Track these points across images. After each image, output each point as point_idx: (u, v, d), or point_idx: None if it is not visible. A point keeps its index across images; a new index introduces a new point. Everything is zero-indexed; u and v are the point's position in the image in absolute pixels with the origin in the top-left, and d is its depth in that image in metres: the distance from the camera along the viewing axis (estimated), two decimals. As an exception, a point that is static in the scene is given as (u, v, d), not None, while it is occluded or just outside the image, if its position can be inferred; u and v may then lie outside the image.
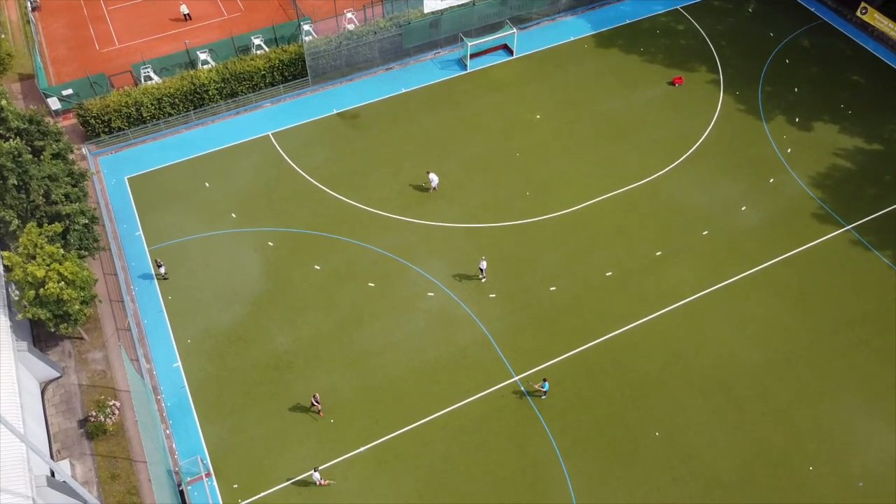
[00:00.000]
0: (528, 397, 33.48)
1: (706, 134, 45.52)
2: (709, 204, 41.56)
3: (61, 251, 31.06)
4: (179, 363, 34.94)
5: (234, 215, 41.04)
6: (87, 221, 33.57)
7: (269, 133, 45.48)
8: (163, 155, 44.22)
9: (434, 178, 41.40)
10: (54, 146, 33.96)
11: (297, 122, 46.20)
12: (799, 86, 48.46)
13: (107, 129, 44.09)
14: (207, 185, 42.60)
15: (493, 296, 37.42)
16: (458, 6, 49.34)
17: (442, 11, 48.94)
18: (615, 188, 42.39)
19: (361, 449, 32.04)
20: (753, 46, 51.26)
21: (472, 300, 37.23)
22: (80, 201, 33.96)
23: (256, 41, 48.78)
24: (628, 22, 53.47)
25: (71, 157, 36.50)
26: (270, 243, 39.76)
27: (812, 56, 50.68)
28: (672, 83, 48.70)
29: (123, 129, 44.41)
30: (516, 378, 34.28)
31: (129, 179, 42.94)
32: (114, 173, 43.30)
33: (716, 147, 44.66)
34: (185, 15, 52.32)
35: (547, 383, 32.81)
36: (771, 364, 34.65)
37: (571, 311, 36.78)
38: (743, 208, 41.35)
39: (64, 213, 32.44)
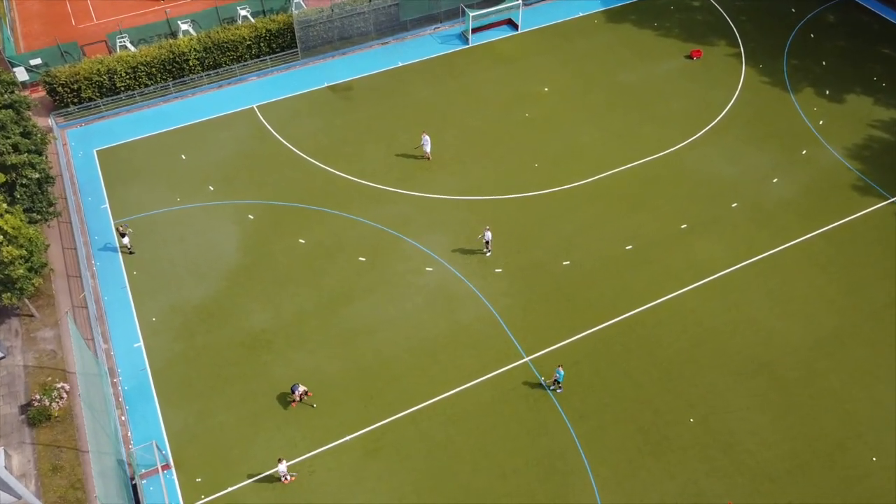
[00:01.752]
0: (543, 381, 29.02)
1: (729, 106, 41.76)
2: (737, 176, 37.60)
3: (3, 205, 26.97)
4: (142, 343, 30.57)
5: (211, 188, 37.07)
6: (38, 177, 29.56)
7: (254, 105, 41.78)
8: (137, 127, 40.44)
9: (427, 141, 37.51)
10: (5, 96, 30.11)
11: (285, 94, 42.54)
12: (826, 59, 44.87)
13: (76, 99, 40.37)
14: (184, 157, 38.72)
15: (500, 270, 33.20)
16: (459, -24, 46.13)
17: (442, -17, 45.73)
18: (632, 160, 38.47)
19: (349, 437, 27.49)
20: (774, 22, 47.86)
21: (476, 275, 33.00)
22: (30, 154, 29.96)
23: (243, 12, 45.42)
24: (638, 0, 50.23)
25: (28, 114, 32.64)
26: (251, 216, 35.70)
27: (838, 31, 47.22)
28: (690, 56, 45.15)
29: (94, 100, 40.69)
30: (527, 359, 29.85)
31: (97, 152, 39.07)
32: (82, 146, 39.45)
33: (741, 119, 40.86)
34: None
35: (562, 371, 28.29)
36: (819, 343, 30.25)
37: (588, 287, 32.51)
38: (774, 180, 37.37)
39: (9, 163, 28.42)
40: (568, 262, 33.51)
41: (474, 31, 46.42)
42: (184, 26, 44.02)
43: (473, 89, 42.97)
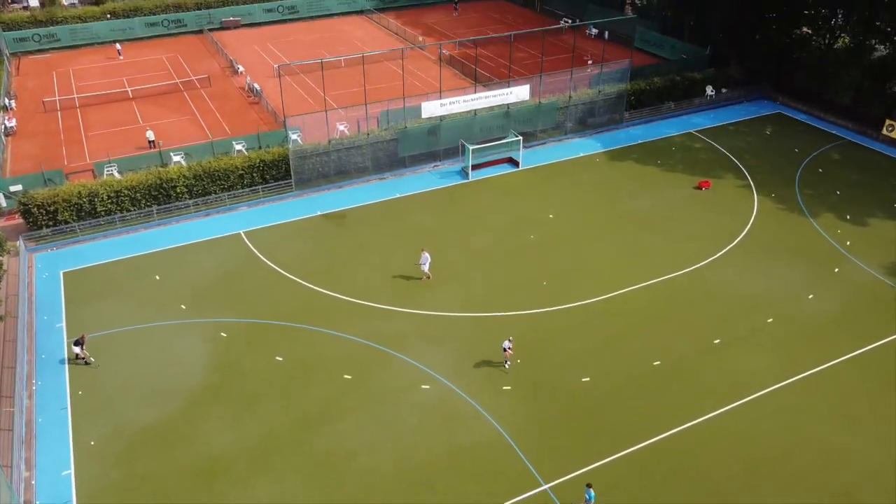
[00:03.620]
0: (565, 510, 23.08)
1: (747, 229, 39.20)
2: (767, 292, 33.93)
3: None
4: (72, 470, 24.91)
5: (183, 307, 33.21)
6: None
7: (241, 231, 39.22)
8: (112, 251, 37.50)
9: (427, 258, 34.29)
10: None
11: (275, 222, 40.18)
12: (840, 189, 43.21)
13: (51, 222, 37.90)
14: (158, 277, 35.32)
15: (508, 388, 28.29)
16: (459, 114, 45.95)
17: (441, 118, 45.42)
18: (649, 278, 35.02)
19: (317, 586, 21.04)
20: (779, 159, 47.05)
21: (481, 393, 28.04)
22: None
23: (238, 146, 44.62)
24: (640, 142, 49.94)
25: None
26: (223, 334, 31.45)
27: (846, 166, 46.22)
28: (698, 187, 43.54)
29: (70, 223, 38.21)
30: (546, 486, 24.08)
31: (64, 273, 35.75)
32: (49, 267, 36.23)
33: (761, 240, 38.10)
34: (150, 142, 47.01)
35: (592, 492, 22.63)
36: (904, 465, 24.63)
37: (615, 404, 27.43)
38: (810, 296, 33.63)
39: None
40: (588, 379, 28.68)
41: (474, 167, 45.32)
42: (176, 158, 42.91)
43: (475, 215, 40.74)
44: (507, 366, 29.18)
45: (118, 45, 66.91)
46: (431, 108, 44.51)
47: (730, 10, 55.19)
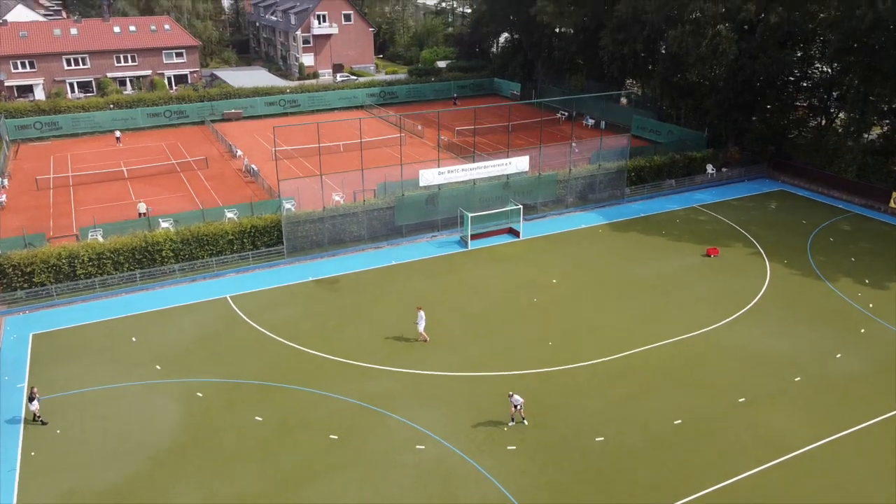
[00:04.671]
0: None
1: (762, 292, 37.13)
2: (791, 352, 31.44)
3: None
4: (11, 538, 21.60)
5: (158, 367, 30.57)
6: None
7: (227, 295, 37.08)
8: (88, 314, 35.22)
9: (422, 317, 31.97)
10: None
11: (264, 287, 38.15)
12: (855, 256, 41.52)
13: (27, 284, 35.85)
14: (134, 339, 32.85)
15: (513, 448, 25.28)
16: (458, 183, 44.99)
17: (440, 187, 44.40)
18: (663, 338, 32.60)
19: None
20: (787, 230, 45.66)
21: (483, 453, 25.00)
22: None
23: (230, 214, 43.28)
24: (643, 215, 48.78)
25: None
26: (199, 394, 28.65)
27: (857, 236, 44.77)
28: (707, 255, 41.85)
29: (47, 286, 36.14)
30: (559, 554, 20.70)
31: (34, 336, 33.30)
32: (18, 330, 33.81)
33: (778, 302, 35.97)
34: (141, 214, 45.30)
35: None
36: (971, 528, 21.34)
37: (635, 464, 24.36)
38: (838, 356, 31.11)
39: None
40: (602, 439, 25.70)
41: (474, 237, 43.82)
42: (164, 224, 41.43)
43: (474, 280, 38.78)
44: (511, 424, 26.27)
45: (117, 133, 67.33)
46: (429, 177, 43.57)
47: (724, 95, 55.70)
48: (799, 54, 53.89)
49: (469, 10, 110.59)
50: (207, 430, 26.46)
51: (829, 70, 54.45)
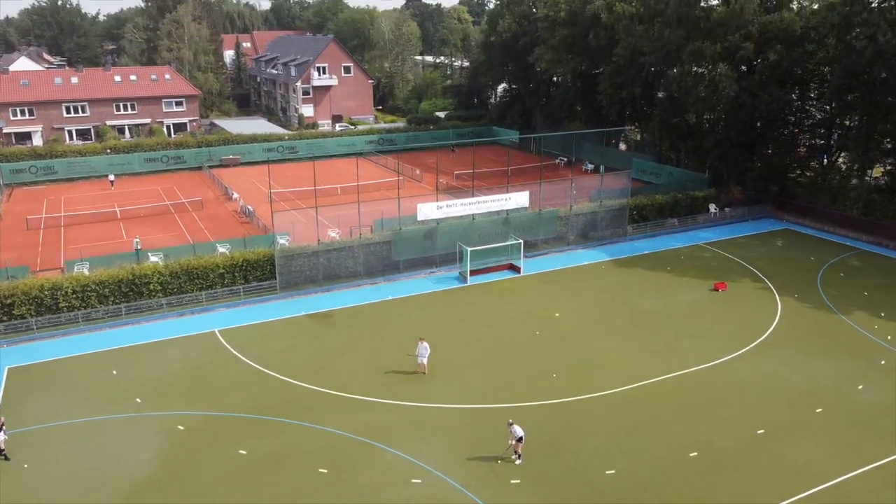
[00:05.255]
0: None
1: (774, 325, 35.61)
2: (809, 383, 29.76)
3: None
4: (-37, 579, 19.51)
5: (138, 400, 28.78)
6: None
7: (216, 329, 35.48)
8: (68, 347, 33.55)
9: (426, 348, 30.31)
10: None
11: (254, 321, 36.59)
12: (868, 290, 40.13)
13: (6, 316, 34.30)
14: (115, 372, 31.13)
15: (518, 482, 23.36)
16: (456, 218, 43.93)
17: (438, 221, 43.32)
18: (673, 370, 30.93)
19: None
20: (795, 266, 44.37)
21: (484, 488, 23.07)
22: None
23: (222, 248, 42.03)
24: (646, 252, 47.58)
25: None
26: (180, 427, 26.81)
27: (868, 271, 43.50)
28: (714, 289, 40.46)
29: (27, 319, 34.58)
30: None
31: (9, 369, 31.56)
32: (-7, 363, 32.14)
33: (792, 335, 34.43)
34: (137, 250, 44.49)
35: None
36: None
37: (649, 498, 22.46)
38: (860, 387, 29.40)
39: None
40: (613, 471, 23.79)
41: (473, 272, 42.46)
42: (154, 258, 40.12)
43: (474, 314, 37.27)
44: (518, 461, 24.36)
45: (111, 176, 66.70)
46: (427, 211, 42.59)
47: (725, 134, 55.30)
48: (798, 93, 53.61)
49: (467, 63, 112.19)
50: (186, 464, 24.55)
51: (829, 108, 54.16)
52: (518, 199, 45.14)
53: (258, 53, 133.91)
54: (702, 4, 56.65)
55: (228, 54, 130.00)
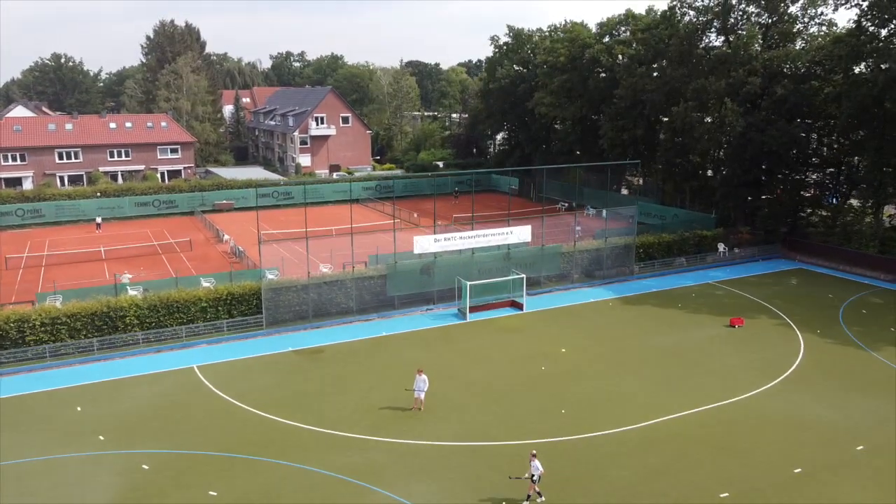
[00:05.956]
0: None
1: (798, 361, 32.96)
2: (846, 420, 26.95)
3: None
4: None
5: (101, 437, 25.86)
6: None
7: (194, 365, 32.72)
8: (31, 384, 30.73)
9: (424, 381, 27.55)
10: None
11: (237, 356, 33.86)
12: (895, 326, 37.62)
13: (-35, 350, 31.65)
14: (79, 409, 28.26)
15: (526, 526, 20.35)
16: (455, 253, 41.69)
17: (435, 255, 41.07)
18: (695, 406, 28.13)
19: None
20: (814, 304, 41.92)
21: (487, 532, 20.08)
22: None
23: (206, 283, 39.55)
24: (655, 290, 45.16)
25: None
26: (145, 466, 23.84)
27: (891, 308, 41.03)
28: (731, 325, 37.91)
29: (-11, 353, 31.91)
30: None
31: (-36, 406, 28.71)
32: (-53, 400, 29.25)
33: (821, 371, 31.75)
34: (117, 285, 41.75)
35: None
36: None
37: (677, 543, 19.41)
38: (902, 423, 26.58)
39: None
40: (634, 514, 20.82)
41: (473, 309, 39.93)
42: (133, 292, 37.60)
43: (475, 350, 34.60)
44: (539, 499, 21.43)
45: (98, 219, 64.70)
46: (424, 244, 40.40)
47: (732, 171, 53.69)
48: (806, 129, 52.13)
49: (465, 115, 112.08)
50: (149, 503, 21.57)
51: (838, 145, 52.66)
52: (520, 234, 43.01)
53: (257, 107, 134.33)
54: (702, 46, 56.01)
55: (228, 109, 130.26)
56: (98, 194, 69.03)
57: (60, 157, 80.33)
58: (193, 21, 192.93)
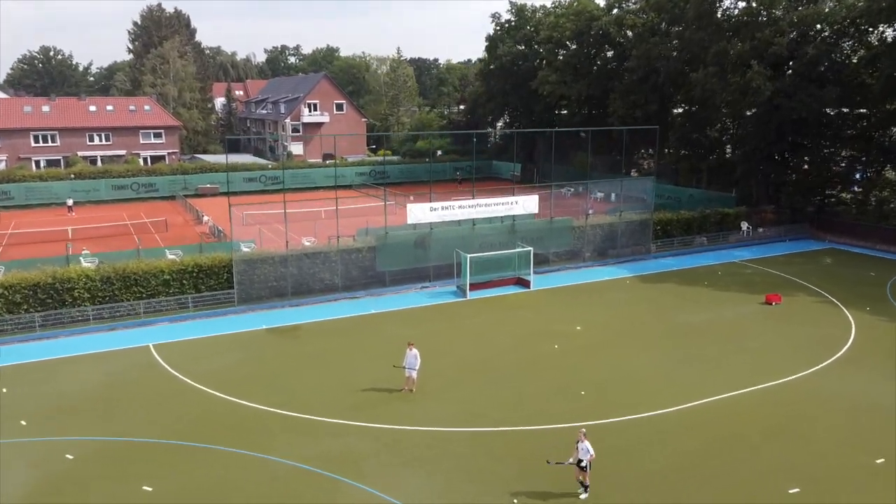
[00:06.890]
0: None
1: (852, 339, 28.39)
2: (923, 402, 22.40)
3: None
4: None
5: (23, 423, 21.28)
6: None
7: (150, 344, 28.15)
8: (-44, 363, 26.20)
9: (416, 356, 22.98)
10: None
11: (199, 335, 29.30)
12: (952, 304, 33.14)
13: None
14: (4, 390, 23.68)
15: (543, 529, 15.77)
16: (454, 224, 37.19)
17: (431, 226, 36.57)
18: (737, 387, 23.56)
19: None
20: (854, 281, 37.42)
21: (494, 538, 15.49)
22: None
23: (172, 255, 35.01)
24: (676, 269, 40.63)
25: None
26: (69, 456, 19.25)
27: (944, 286, 36.58)
28: (767, 302, 33.39)
29: None
30: None
31: None
32: None
33: (881, 349, 27.22)
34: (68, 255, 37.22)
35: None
36: None
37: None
38: None
39: None
40: (682, 514, 16.25)
41: (473, 286, 35.38)
42: (86, 263, 33.05)
43: (476, 328, 30.07)
44: (582, 496, 16.91)
45: (70, 201, 60.14)
46: (419, 213, 35.89)
47: (755, 145, 49.14)
48: (838, 95, 47.57)
49: (463, 107, 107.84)
50: (63, 501, 16.96)
51: (870, 117, 48.16)
52: (526, 204, 38.52)
53: (250, 98, 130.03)
54: (722, 9, 51.65)
55: (220, 101, 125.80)
56: (72, 176, 64.45)
57: (36, 140, 75.72)
58: (189, 14, 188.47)
